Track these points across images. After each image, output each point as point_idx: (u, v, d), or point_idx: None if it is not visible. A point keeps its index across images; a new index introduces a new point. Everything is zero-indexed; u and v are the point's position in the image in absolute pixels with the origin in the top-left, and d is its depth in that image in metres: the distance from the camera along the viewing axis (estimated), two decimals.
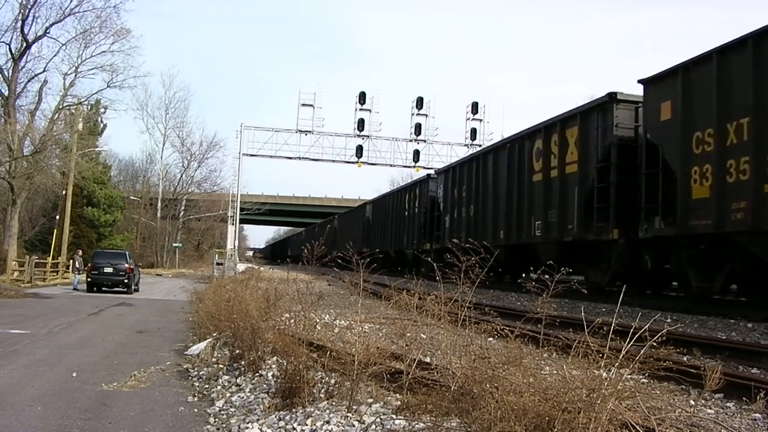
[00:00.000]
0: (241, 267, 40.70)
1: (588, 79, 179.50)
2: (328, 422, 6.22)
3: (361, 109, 47.23)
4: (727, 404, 7.12)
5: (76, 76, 45.48)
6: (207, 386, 9.37)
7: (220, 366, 10.36)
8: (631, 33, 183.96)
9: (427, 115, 48.20)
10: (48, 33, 43.16)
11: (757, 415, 6.48)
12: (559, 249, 21.06)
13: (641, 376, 5.50)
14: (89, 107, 50.95)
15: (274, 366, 8.92)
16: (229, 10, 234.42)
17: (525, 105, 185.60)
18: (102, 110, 55.60)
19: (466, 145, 47.78)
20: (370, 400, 6.74)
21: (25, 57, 42.99)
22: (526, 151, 23.31)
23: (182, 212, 76.68)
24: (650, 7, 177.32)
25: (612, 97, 18.70)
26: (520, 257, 23.92)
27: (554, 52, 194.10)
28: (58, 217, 46.17)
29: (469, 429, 4.91)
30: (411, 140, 48.35)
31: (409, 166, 49.87)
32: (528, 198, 22.89)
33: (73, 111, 46.28)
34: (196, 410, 8.02)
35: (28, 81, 43.90)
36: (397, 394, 6.61)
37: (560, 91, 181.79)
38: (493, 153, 26.90)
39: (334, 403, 6.86)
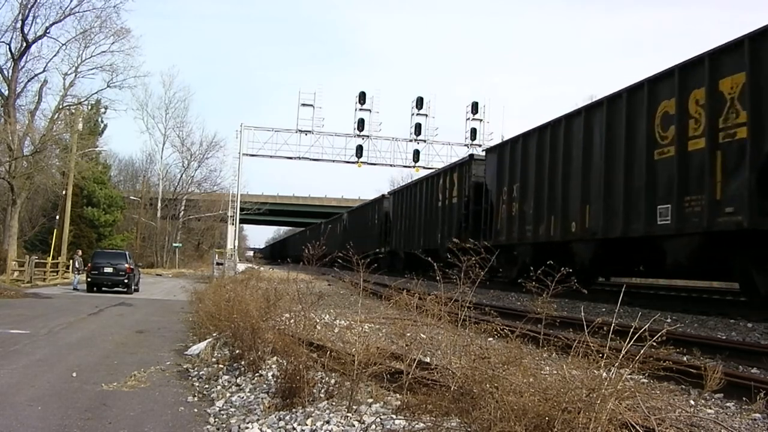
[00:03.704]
0: (241, 267, 40.65)
1: (588, 80, 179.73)
2: (328, 422, 6.22)
3: (361, 109, 47.19)
4: (727, 404, 7.10)
5: (76, 76, 45.53)
6: (207, 386, 9.37)
7: (220, 366, 10.36)
8: (631, 33, 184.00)
9: (427, 115, 48.15)
10: (48, 33, 43.24)
11: (757, 415, 6.47)
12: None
13: (641, 376, 5.50)
14: (89, 107, 50.95)
15: (274, 366, 8.92)
16: (229, 11, 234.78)
17: (525, 105, 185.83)
18: (102, 110, 55.74)
19: (466, 145, 47.71)
20: (370, 400, 6.74)
21: (25, 57, 43.06)
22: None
23: (182, 212, 76.61)
24: (650, 7, 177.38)
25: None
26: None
27: (554, 53, 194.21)
28: (58, 217, 46.16)
29: (469, 429, 4.91)
30: (411, 140, 48.30)
31: (409, 166, 49.91)
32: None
33: (73, 111, 46.28)
34: (196, 410, 8.02)
35: (28, 81, 43.99)
36: (397, 394, 6.60)
37: (560, 91, 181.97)
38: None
39: (334, 403, 6.86)
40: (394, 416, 6.03)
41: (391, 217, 41.90)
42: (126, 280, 30.42)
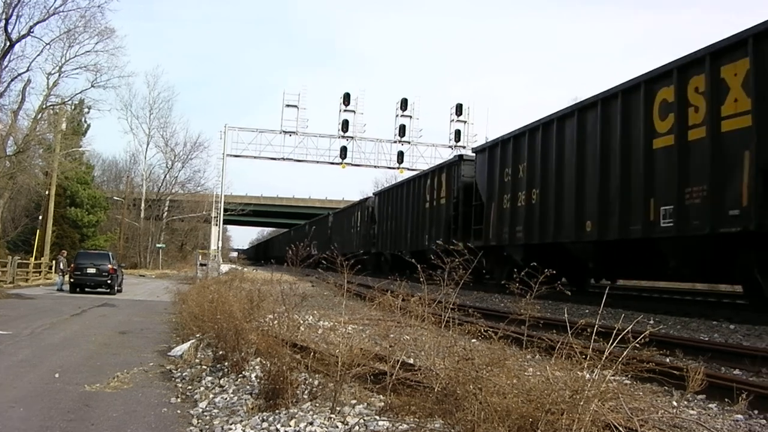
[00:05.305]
0: (224, 268, 40.58)
1: (575, 83, 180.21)
2: (311, 423, 6.20)
3: (345, 110, 47.29)
4: (710, 405, 7.15)
5: (59, 75, 45.43)
6: (190, 387, 9.32)
7: (204, 367, 10.31)
8: (619, 37, 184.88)
9: (411, 117, 48.38)
10: (32, 32, 42.99)
11: (739, 416, 6.52)
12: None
13: (624, 378, 5.52)
14: (73, 107, 50.70)
15: (257, 367, 8.89)
16: (214, 12, 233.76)
17: (510, 108, 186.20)
18: (86, 110, 55.46)
19: (450, 146, 47.95)
20: (354, 402, 6.73)
21: (8, 56, 42.75)
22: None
23: (166, 213, 76.36)
24: (641, 9, 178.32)
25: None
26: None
27: (539, 56, 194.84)
28: (41, 217, 45.83)
29: (452, 430, 4.92)
30: (395, 141, 48.48)
31: (393, 168, 49.97)
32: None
33: (57, 111, 46.02)
34: (179, 411, 7.98)
35: (12, 80, 43.69)
36: (381, 396, 6.60)
37: (543, 96, 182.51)
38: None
39: (317, 404, 6.84)
40: (377, 417, 6.02)
41: (480, 191, 26.20)
42: (109, 281, 30.24)
